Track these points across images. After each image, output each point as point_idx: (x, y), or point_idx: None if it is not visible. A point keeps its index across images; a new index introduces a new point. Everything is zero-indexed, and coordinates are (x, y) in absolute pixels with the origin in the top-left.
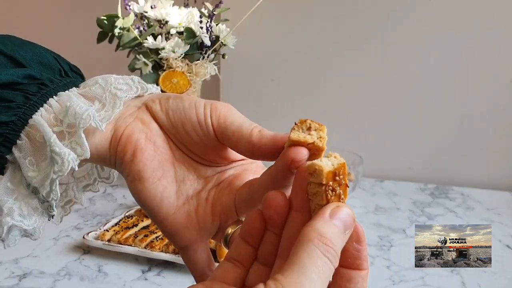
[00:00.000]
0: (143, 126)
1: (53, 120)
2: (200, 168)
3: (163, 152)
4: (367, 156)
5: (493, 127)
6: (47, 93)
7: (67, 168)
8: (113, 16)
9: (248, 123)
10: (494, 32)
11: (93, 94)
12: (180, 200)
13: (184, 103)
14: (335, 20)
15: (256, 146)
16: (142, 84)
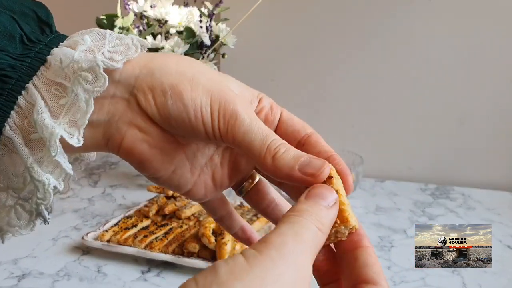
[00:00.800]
0: (142, 134)
1: (28, 126)
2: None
3: (170, 151)
4: (367, 156)
5: (494, 127)
6: (13, 90)
7: (49, 198)
8: (113, 15)
9: (259, 143)
10: (495, 32)
11: (61, 79)
12: (195, 174)
13: (189, 112)
14: (335, 20)
15: (270, 173)
16: (109, 63)
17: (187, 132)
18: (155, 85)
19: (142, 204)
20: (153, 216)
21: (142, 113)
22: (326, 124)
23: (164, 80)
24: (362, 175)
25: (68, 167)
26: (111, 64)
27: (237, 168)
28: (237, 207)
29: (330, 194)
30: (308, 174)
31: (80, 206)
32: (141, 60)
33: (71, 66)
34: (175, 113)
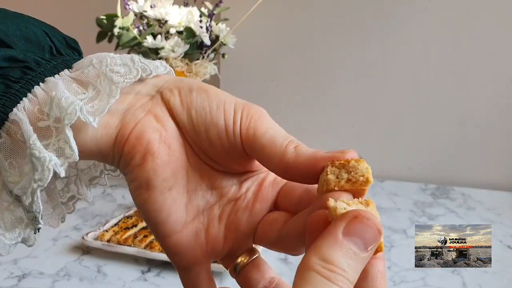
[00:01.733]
0: (158, 123)
1: (38, 113)
2: (216, 176)
3: (178, 158)
4: (367, 156)
5: (494, 127)
6: (32, 79)
7: (47, 176)
8: (113, 15)
9: (283, 137)
10: (495, 33)
11: (86, 78)
12: (189, 215)
13: (212, 103)
14: (335, 20)
15: (291, 166)
16: (144, 65)
17: (205, 125)
18: (182, 85)
19: None
20: None
21: (163, 104)
22: (326, 124)
23: (193, 82)
24: None
25: (75, 149)
26: (146, 64)
27: (236, 228)
28: None
29: (373, 235)
30: (334, 152)
31: (80, 206)
32: (170, 76)
33: (103, 62)
34: (197, 103)
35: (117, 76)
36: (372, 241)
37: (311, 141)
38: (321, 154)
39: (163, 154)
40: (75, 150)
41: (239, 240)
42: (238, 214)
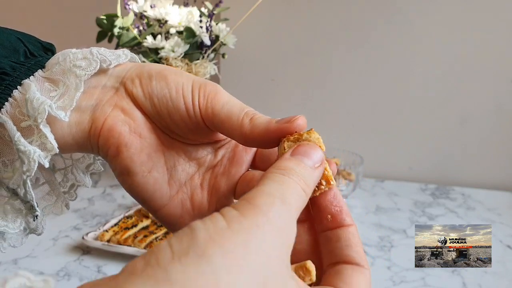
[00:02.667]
0: (125, 116)
1: (19, 114)
2: (191, 149)
3: (150, 142)
4: (367, 156)
5: (494, 127)
6: (10, 84)
7: (33, 167)
8: (113, 15)
9: (238, 110)
10: (495, 32)
11: (55, 76)
12: (173, 189)
13: (171, 89)
14: (336, 20)
15: (249, 137)
16: (103, 56)
17: (168, 110)
18: (143, 72)
19: None
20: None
21: (127, 96)
22: (326, 124)
23: (152, 68)
24: (362, 175)
25: (54, 143)
26: (105, 56)
27: (217, 191)
28: None
29: (316, 153)
30: (284, 121)
31: (80, 206)
32: (132, 63)
33: (67, 59)
34: (158, 90)
35: (79, 70)
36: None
37: None
38: (273, 125)
39: (135, 143)
40: (54, 143)
41: (221, 201)
42: (217, 179)
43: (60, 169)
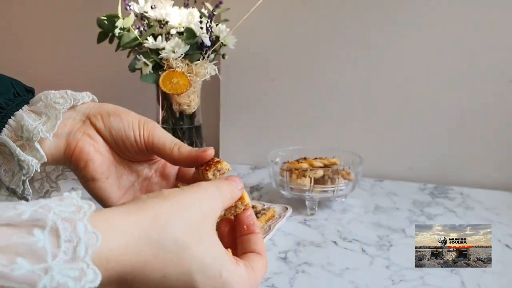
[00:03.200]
0: (91, 140)
1: (14, 136)
2: (133, 165)
3: (107, 158)
4: (366, 156)
5: (493, 127)
6: (6, 115)
7: (32, 171)
8: (114, 16)
9: (170, 142)
10: (494, 32)
11: (39, 109)
12: (121, 191)
13: (124, 123)
14: (335, 20)
15: (177, 161)
16: (74, 96)
17: (122, 139)
18: (103, 111)
19: None
20: None
21: (92, 127)
22: (326, 124)
23: (109, 107)
24: (361, 174)
25: (43, 154)
26: (75, 96)
27: None
28: None
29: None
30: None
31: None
32: (93, 103)
33: (48, 97)
34: (114, 125)
35: (58, 105)
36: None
37: (311, 140)
38: (194, 152)
39: (98, 159)
40: (43, 155)
41: None
42: (152, 187)
43: (37, 179)
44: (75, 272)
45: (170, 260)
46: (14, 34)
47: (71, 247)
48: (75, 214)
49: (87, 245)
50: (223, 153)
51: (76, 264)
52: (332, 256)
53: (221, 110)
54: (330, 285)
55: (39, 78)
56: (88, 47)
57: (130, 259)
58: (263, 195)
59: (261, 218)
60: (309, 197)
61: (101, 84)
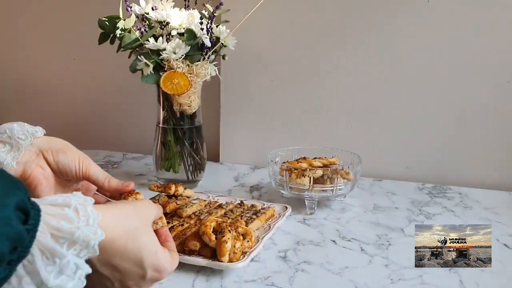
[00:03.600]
0: (42, 170)
1: None
2: (67, 184)
3: (51, 182)
4: (365, 155)
5: (491, 127)
6: None
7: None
8: (115, 17)
9: (102, 176)
10: (492, 33)
11: (4, 140)
12: None
13: (68, 159)
14: (335, 21)
15: (107, 190)
16: (33, 133)
17: (65, 171)
18: (52, 148)
19: None
20: None
21: (44, 160)
22: (325, 124)
23: (58, 145)
24: (360, 174)
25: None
26: (33, 132)
27: None
28: (236, 205)
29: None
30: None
31: None
32: (45, 137)
33: (13, 132)
34: (61, 160)
35: (21, 140)
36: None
37: (311, 140)
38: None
39: (45, 183)
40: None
41: None
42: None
43: None
44: (90, 230)
45: (132, 237)
46: (15, 35)
47: (85, 219)
48: (85, 201)
49: (94, 218)
50: (223, 153)
51: (90, 227)
52: (331, 255)
53: (221, 110)
54: (329, 284)
55: (40, 78)
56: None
57: (113, 231)
58: (263, 194)
59: (261, 217)
60: (308, 197)
61: (102, 84)
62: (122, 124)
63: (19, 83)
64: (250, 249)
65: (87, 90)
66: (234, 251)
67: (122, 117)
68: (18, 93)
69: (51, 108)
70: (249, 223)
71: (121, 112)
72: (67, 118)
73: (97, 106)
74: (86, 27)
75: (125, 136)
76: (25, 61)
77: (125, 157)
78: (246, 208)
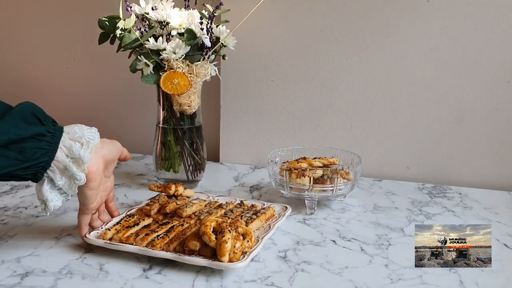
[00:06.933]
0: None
1: (65, 156)
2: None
3: None
4: (365, 155)
5: (491, 127)
6: (56, 141)
7: (84, 179)
8: (115, 17)
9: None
10: (493, 33)
11: (75, 138)
12: None
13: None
14: (334, 21)
15: None
16: (94, 134)
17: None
18: (110, 160)
19: (143, 203)
20: (155, 215)
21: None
22: (325, 124)
23: (109, 157)
24: (360, 174)
25: (85, 168)
26: (93, 134)
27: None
28: (236, 205)
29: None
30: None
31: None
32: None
33: (84, 133)
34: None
35: (90, 139)
36: None
37: (311, 140)
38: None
39: None
40: (86, 168)
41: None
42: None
43: None
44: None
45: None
46: (15, 35)
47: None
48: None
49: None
50: (223, 153)
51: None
52: (331, 255)
53: (221, 110)
54: (329, 284)
55: (40, 78)
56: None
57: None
58: (263, 194)
59: (261, 217)
60: (308, 197)
61: (102, 84)
62: (122, 124)
63: (19, 83)
64: (250, 249)
65: (87, 90)
66: (234, 251)
67: (122, 117)
68: (18, 93)
69: (51, 108)
70: (249, 223)
71: (121, 112)
72: (67, 118)
73: (97, 106)
74: (86, 27)
75: (125, 136)
76: (25, 61)
77: None
78: (246, 208)
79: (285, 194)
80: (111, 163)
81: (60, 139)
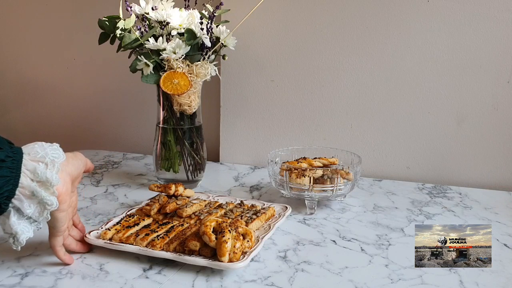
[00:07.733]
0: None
1: (30, 181)
2: None
3: None
4: (365, 155)
5: (491, 127)
6: (18, 166)
7: (56, 204)
8: (115, 17)
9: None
10: (493, 33)
11: (38, 159)
12: None
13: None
14: (334, 21)
15: None
16: (58, 153)
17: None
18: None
19: (144, 203)
20: (155, 215)
21: None
22: (325, 124)
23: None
24: (360, 174)
25: (54, 190)
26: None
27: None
28: (236, 205)
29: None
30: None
31: (83, 205)
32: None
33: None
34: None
35: (54, 157)
36: None
37: (310, 140)
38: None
39: None
40: (55, 190)
41: None
42: None
43: None
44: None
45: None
46: (15, 35)
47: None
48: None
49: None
50: (223, 153)
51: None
52: (331, 255)
53: (221, 110)
54: (329, 284)
55: (40, 78)
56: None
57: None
58: (263, 194)
59: (261, 217)
60: (308, 197)
61: (102, 84)
62: (122, 124)
63: (19, 83)
64: (250, 249)
65: (87, 90)
66: (234, 251)
67: (122, 117)
68: (18, 93)
69: (51, 108)
70: (249, 223)
71: (121, 112)
72: (67, 118)
73: (97, 106)
74: (86, 27)
75: (125, 136)
76: (25, 61)
77: (125, 157)
78: (246, 208)
79: (285, 194)
80: (77, 178)
81: (22, 163)
